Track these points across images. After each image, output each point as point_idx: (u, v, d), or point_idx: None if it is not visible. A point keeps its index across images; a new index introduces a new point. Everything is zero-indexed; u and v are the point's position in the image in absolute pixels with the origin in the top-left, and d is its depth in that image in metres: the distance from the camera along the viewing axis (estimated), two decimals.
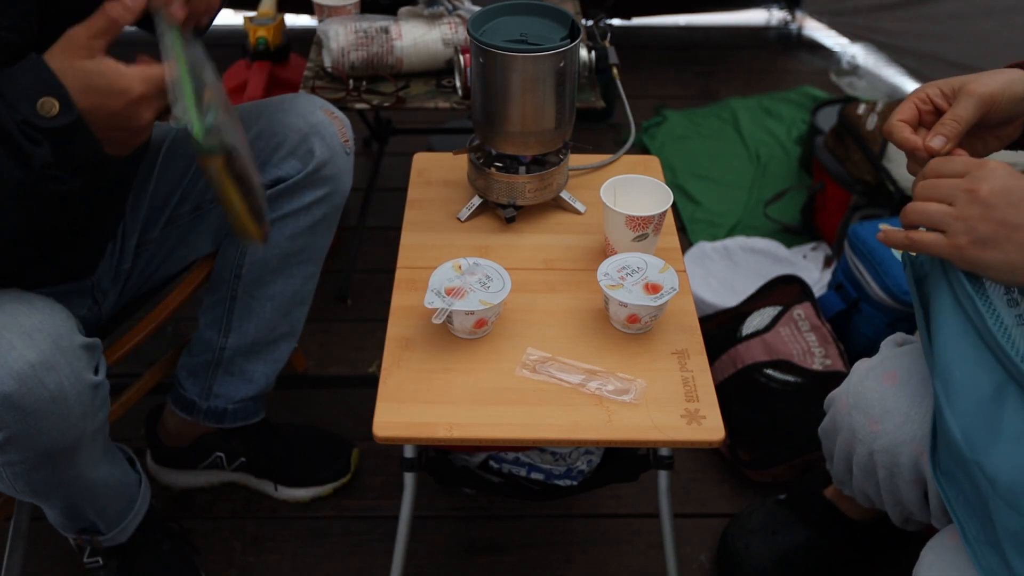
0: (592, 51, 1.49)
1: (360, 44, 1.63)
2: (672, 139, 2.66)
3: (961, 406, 0.91)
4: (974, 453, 0.89)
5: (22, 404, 0.99)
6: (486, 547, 1.56)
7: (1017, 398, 0.87)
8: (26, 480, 1.11)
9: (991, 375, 0.89)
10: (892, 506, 1.19)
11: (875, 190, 2.01)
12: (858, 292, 1.78)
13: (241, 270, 1.38)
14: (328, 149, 1.32)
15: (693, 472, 1.69)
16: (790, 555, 1.46)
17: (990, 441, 0.88)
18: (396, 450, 1.18)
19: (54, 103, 0.91)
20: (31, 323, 1.01)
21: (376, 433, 1.05)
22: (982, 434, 0.89)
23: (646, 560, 1.54)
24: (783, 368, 1.64)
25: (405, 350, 1.15)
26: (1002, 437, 0.87)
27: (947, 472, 0.96)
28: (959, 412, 0.91)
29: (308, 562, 1.53)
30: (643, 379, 1.11)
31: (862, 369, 1.17)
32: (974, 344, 0.92)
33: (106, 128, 0.95)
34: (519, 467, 1.32)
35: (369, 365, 1.89)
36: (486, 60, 1.22)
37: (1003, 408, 0.88)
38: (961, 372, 0.92)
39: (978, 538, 0.92)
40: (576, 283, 1.26)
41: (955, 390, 0.92)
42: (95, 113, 0.94)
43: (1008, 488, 0.86)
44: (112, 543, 1.35)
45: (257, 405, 1.54)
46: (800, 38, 3.33)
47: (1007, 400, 0.88)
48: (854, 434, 1.16)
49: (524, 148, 1.30)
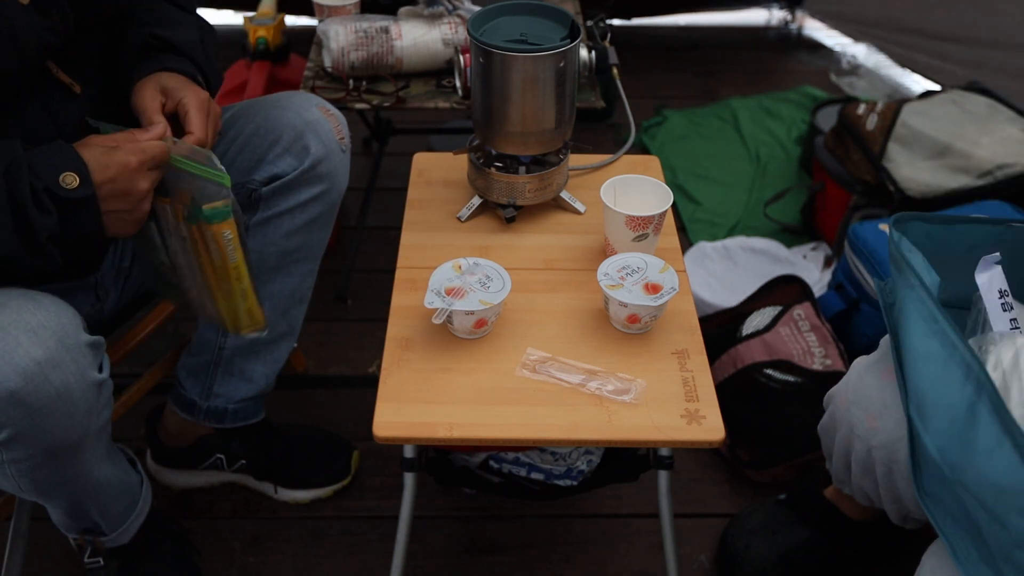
0: (592, 51, 1.49)
1: (360, 44, 1.63)
2: (672, 139, 2.66)
3: (937, 426, 0.93)
4: (954, 472, 0.90)
5: (28, 401, 1.00)
6: (486, 547, 1.56)
7: (988, 414, 0.88)
8: (31, 478, 1.11)
9: (962, 391, 0.90)
10: (890, 503, 1.19)
11: (875, 190, 2.01)
12: (858, 292, 1.78)
13: None
14: (324, 146, 1.32)
15: (693, 472, 1.69)
16: (790, 555, 1.46)
17: (967, 459, 0.89)
18: (396, 450, 1.18)
19: (75, 177, 1.01)
20: (37, 320, 1.01)
21: (376, 433, 1.05)
22: (959, 453, 0.90)
23: (646, 560, 1.54)
24: (783, 368, 1.64)
25: (405, 350, 1.15)
26: (977, 453, 0.88)
27: (932, 494, 0.97)
28: (935, 432, 0.93)
29: (308, 562, 1.53)
30: (643, 379, 1.11)
31: (861, 366, 1.18)
32: (943, 364, 0.93)
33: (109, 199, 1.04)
34: (519, 467, 1.32)
35: (369, 365, 1.89)
36: (486, 60, 1.22)
37: (976, 425, 0.89)
38: (935, 392, 0.94)
39: (970, 557, 0.93)
40: (576, 283, 1.26)
41: (929, 412, 0.94)
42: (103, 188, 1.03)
43: (992, 503, 0.87)
44: (114, 544, 1.35)
45: (257, 405, 1.54)
46: (800, 38, 3.33)
47: (979, 417, 0.89)
48: (852, 430, 1.16)
49: (524, 148, 1.30)
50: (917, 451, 0.98)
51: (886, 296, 1.09)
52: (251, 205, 1.34)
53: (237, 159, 1.33)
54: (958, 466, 0.90)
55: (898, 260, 1.04)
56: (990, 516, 0.87)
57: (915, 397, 0.96)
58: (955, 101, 2.11)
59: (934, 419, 0.93)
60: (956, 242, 1.13)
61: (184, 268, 1.22)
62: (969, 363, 0.90)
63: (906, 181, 1.95)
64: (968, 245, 1.12)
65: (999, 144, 1.97)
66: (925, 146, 1.99)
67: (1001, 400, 0.88)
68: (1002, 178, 1.94)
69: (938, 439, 0.92)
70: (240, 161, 1.33)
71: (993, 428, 0.87)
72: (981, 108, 2.07)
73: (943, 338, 0.94)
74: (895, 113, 2.06)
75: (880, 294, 1.10)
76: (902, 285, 1.02)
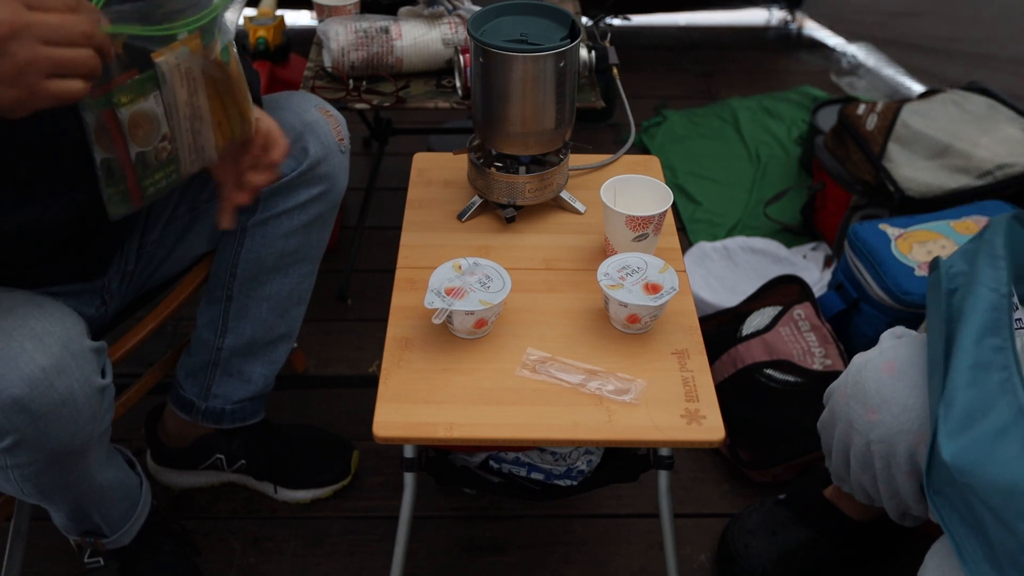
0: (592, 51, 1.49)
1: (360, 44, 1.63)
2: (672, 139, 2.66)
3: (959, 431, 0.92)
4: (963, 475, 0.90)
5: (32, 408, 0.99)
6: (486, 547, 1.56)
7: (1020, 438, 0.88)
8: (34, 483, 1.11)
9: (998, 413, 0.90)
10: (889, 499, 1.19)
11: (875, 190, 2.01)
12: (858, 292, 1.78)
13: (236, 269, 1.38)
14: (322, 147, 1.32)
15: (693, 472, 1.69)
16: (790, 555, 1.46)
17: (980, 466, 0.89)
18: (396, 450, 1.18)
19: None
20: (42, 327, 1.01)
21: (376, 433, 1.05)
22: (972, 460, 0.90)
23: (646, 560, 1.54)
24: (783, 368, 1.64)
25: (405, 350, 1.15)
26: (992, 462, 0.88)
27: (940, 491, 0.97)
28: (952, 435, 0.92)
29: (308, 562, 1.53)
30: (643, 379, 1.11)
31: (861, 360, 1.18)
32: (990, 377, 0.92)
33: None
34: (519, 467, 1.32)
35: (369, 365, 1.89)
36: (486, 60, 1.22)
37: (1003, 442, 0.88)
38: (969, 400, 0.92)
39: (975, 556, 0.92)
40: (576, 283, 1.26)
41: (957, 415, 0.93)
42: None
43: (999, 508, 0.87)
44: (115, 545, 1.35)
45: (256, 406, 1.53)
46: (800, 38, 3.33)
47: (1009, 437, 0.88)
48: (852, 424, 1.16)
49: (524, 148, 1.30)
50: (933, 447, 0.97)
51: (951, 280, 1.04)
52: (250, 206, 1.34)
53: None
54: (967, 470, 0.90)
55: (996, 257, 1.01)
56: (997, 519, 0.87)
57: (948, 394, 0.95)
58: (955, 101, 2.11)
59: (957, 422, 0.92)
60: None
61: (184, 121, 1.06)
62: (1017, 391, 0.90)
63: (906, 181, 1.95)
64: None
65: (999, 144, 1.97)
66: (925, 146, 1.99)
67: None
68: (1002, 178, 1.94)
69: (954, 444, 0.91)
70: None
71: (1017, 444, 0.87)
72: (981, 108, 2.07)
73: (1005, 357, 0.93)
74: (895, 113, 2.06)
75: (944, 275, 1.05)
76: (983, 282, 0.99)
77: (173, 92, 1.01)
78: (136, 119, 0.99)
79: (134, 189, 1.03)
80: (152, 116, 1.00)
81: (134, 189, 1.03)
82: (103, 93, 0.94)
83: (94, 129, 0.96)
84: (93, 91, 0.92)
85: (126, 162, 1.00)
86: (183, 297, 1.39)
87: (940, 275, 1.05)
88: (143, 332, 1.33)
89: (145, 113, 0.99)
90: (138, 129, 0.99)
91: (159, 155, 1.04)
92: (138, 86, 0.97)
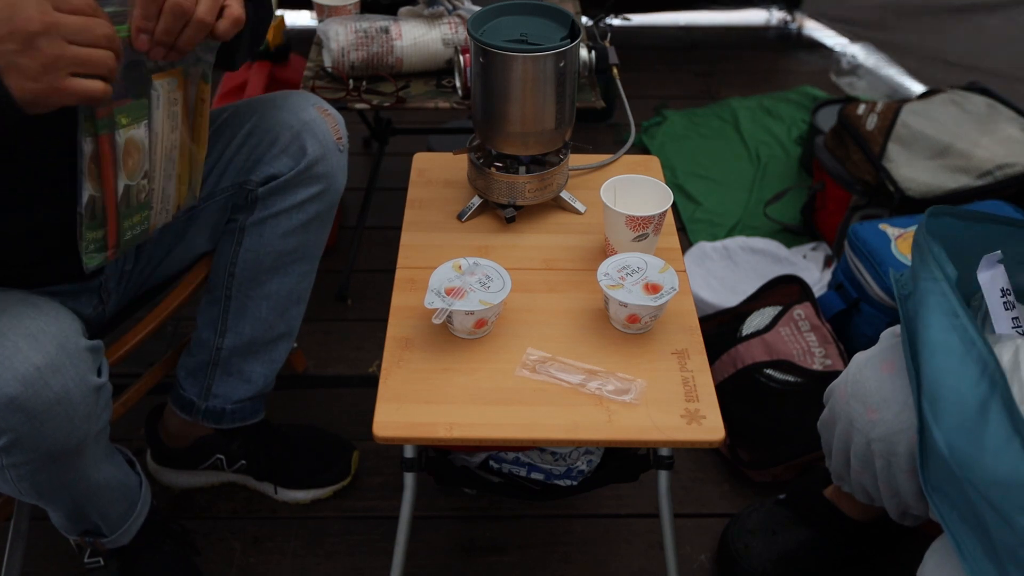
0: (592, 51, 1.49)
1: (360, 44, 1.63)
2: (672, 139, 2.66)
3: (948, 421, 0.93)
4: (962, 469, 0.90)
5: (28, 407, 0.99)
6: (486, 547, 1.56)
7: (999, 411, 0.88)
8: (31, 482, 1.11)
9: (976, 388, 0.91)
10: (889, 498, 1.19)
11: (875, 190, 2.01)
12: (858, 292, 1.78)
13: (235, 268, 1.38)
14: (320, 146, 1.32)
15: (693, 472, 1.69)
16: (790, 555, 1.46)
17: (976, 456, 0.89)
18: (396, 450, 1.18)
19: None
20: (37, 326, 1.01)
21: (376, 433, 1.05)
22: (968, 449, 0.90)
23: (646, 560, 1.54)
24: (783, 368, 1.64)
25: (405, 350, 1.15)
26: (986, 451, 0.88)
27: (938, 488, 0.97)
28: (946, 427, 0.93)
29: (308, 562, 1.53)
30: (643, 379, 1.11)
31: (861, 359, 1.18)
32: (960, 359, 0.93)
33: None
34: (519, 467, 1.32)
35: (369, 365, 1.89)
36: (486, 60, 1.22)
37: (987, 422, 0.89)
38: (949, 387, 0.93)
39: (974, 553, 0.93)
40: (576, 283, 1.26)
41: (942, 406, 0.94)
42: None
43: (999, 501, 0.87)
44: (114, 545, 1.35)
45: (256, 405, 1.53)
46: (800, 38, 3.33)
47: (991, 414, 0.89)
48: (852, 423, 1.16)
49: (524, 148, 1.30)
50: (926, 444, 0.97)
51: (902, 287, 1.08)
52: (248, 205, 1.34)
53: (234, 159, 1.33)
54: (966, 463, 0.90)
55: (924, 251, 1.04)
56: (996, 514, 0.87)
57: (928, 390, 0.96)
58: (955, 101, 2.11)
59: (946, 414, 0.93)
60: (975, 239, 1.12)
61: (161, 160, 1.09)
62: (986, 360, 0.91)
63: (906, 181, 1.95)
64: (986, 244, 1.11)
65: (999, 144, 1.97)
66: (925, 146, 2.00)
67: (1013, 399, 0.88)
68: (1002, 178, 1.94)
69: (948, 434, 0.92)
70: (237, 161, 1.33)
71: (1004, 426, 0.87)
72: (981, 108, 2.07)
73: (962, 333, 0.94)
74: (895, 113, 2.06)
75: (895, 285, 1.10)
76: (924, 277, 1.02)
77: (160, 122, 1.05)
78: (129, 147, 1.02)
79: (112, 235, 1.07)
80: (141, 146, 1.04)
81: (112, 235, 1.07)
82: (107, 113, 0.98)
83: (88, 158, 0.99)
84: (100, 110, 0.97)
85: (111, 201, 1.04)
86: (183, 297, 1.39)
87: (894, 287, 1.09)
88: (143, 332, 1.33)
89: (136, 142, 1.04)
90: (129, 158, 1.03)
91: (139, 195, 1.08)
92: (136, 110, 1.02)
